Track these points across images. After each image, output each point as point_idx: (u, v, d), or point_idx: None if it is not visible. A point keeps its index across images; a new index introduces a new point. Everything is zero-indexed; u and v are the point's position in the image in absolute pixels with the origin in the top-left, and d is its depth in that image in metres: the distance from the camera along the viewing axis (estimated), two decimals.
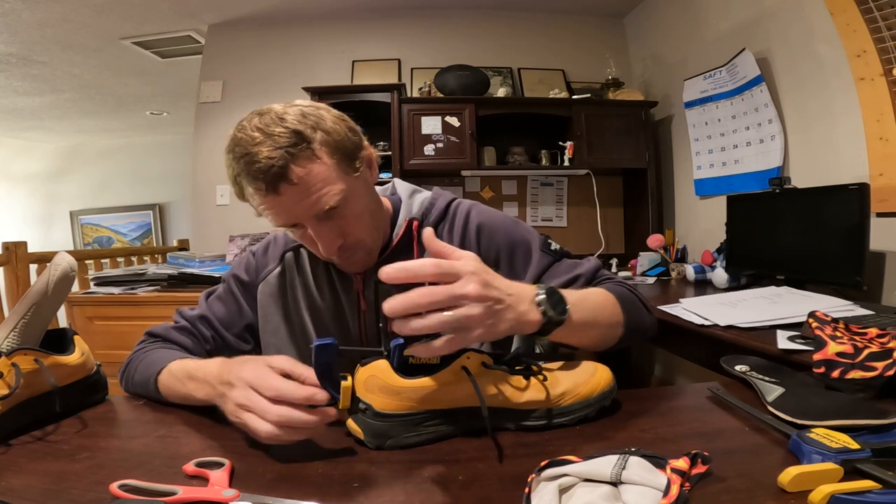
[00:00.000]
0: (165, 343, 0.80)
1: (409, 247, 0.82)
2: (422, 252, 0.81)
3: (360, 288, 0.82)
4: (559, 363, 0.62)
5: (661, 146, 2.82)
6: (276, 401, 0.51)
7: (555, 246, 0.84)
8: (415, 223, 0.82)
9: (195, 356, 0.74)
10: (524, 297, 0.55)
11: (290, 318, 0.84)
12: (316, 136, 0.66)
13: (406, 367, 0.53)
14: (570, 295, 0.61)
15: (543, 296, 0.57)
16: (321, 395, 0.51)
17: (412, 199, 0.86)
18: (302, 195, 0.66)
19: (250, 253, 0.89)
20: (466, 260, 0.52)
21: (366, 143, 0.76)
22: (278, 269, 0.85)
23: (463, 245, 0.82)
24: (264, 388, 0.52)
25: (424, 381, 0.52)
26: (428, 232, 0.54)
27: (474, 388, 0.52)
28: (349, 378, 0.54)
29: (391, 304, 0.47)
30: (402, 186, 0.90)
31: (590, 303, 0.66)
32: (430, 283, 0.49)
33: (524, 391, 0.56)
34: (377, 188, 0.90)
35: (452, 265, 0.50)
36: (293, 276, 0.85)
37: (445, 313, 0.48)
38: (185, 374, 0.65)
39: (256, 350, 0.85)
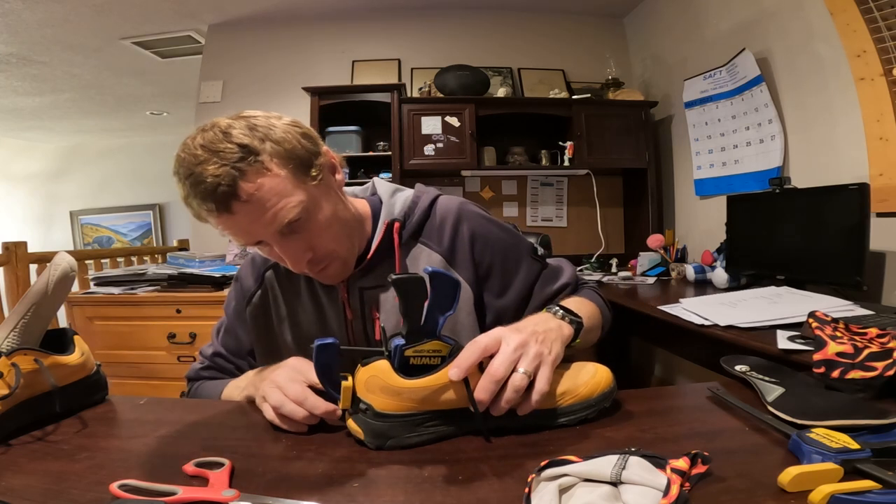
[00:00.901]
0: (202, 381, 0.85)
1: (390, 251, 0.78)
2: (403, 256, 0.79)
3: (344, 297, 0.79)
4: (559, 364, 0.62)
5: (661, 146, 2.82)
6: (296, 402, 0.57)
7: (540, 251, 0.87)
8: (396, 224, 0.78)
9: None
10: (548, 319, 0.61)
11: (279, 337, 0.83)
12: (265, 148, 0.62)
13: (407, 368, 0.53)
14: (570, 304, 0.68)
15: (561, 311, 0.63)
16: (338, 413, 0.56)
17: (393, 198, 0.82)
18: (257, 212, 0.63)
19: (235, 280, 0.88)
20: (486, 336, 0.55)
21: (324, 148, 0.71)
22: (260, 291, 0.84)
23: (454, 249, 0.79)
24: (289, 391, 0.57)
25: (425, 382, 0.52)
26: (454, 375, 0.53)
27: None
28: (349, 378, 0.54)
29: (484, 399, 0.51)
30: (383, 186, 0.85)
31: (586, 309, 0.73)
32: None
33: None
34: (356, 189, 0.88)
35: (486, 339, 0.54)
36: (276, 294, 0.83)
37: (520, 370, 0.52)
38: (234, 388, 0.76)
39: None
